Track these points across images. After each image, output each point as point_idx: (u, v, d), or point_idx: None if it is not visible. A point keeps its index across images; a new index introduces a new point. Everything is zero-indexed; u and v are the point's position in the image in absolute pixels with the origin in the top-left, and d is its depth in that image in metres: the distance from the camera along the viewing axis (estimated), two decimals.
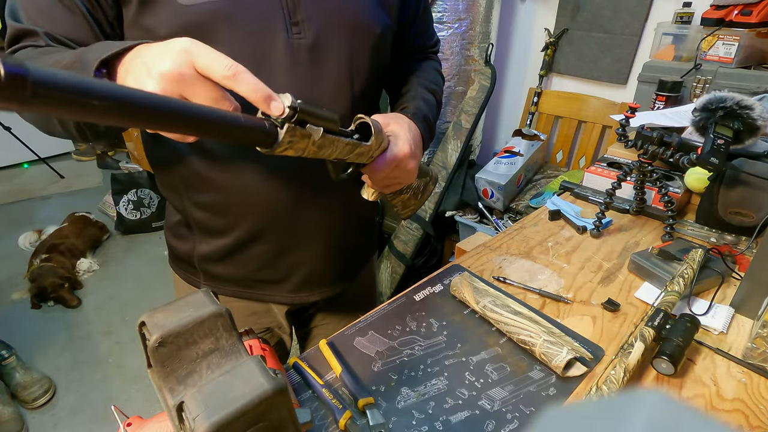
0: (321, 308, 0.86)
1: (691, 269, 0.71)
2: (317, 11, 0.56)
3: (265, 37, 0.54)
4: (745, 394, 0.57)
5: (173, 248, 0.75)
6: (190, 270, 0.73)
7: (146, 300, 2.13)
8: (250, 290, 0.73)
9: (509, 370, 0.61)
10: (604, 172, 1.05)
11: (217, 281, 0.72)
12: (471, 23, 1.67)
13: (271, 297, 0.74)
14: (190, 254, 0.71)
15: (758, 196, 0.83)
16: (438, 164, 1.77)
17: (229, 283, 0.72)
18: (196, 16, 0.51)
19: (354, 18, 0.60)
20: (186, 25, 0.51)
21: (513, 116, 2.22)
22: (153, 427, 0.45)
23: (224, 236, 0.67)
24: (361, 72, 0.63)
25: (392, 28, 0.67)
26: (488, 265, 0.83)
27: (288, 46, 0.55)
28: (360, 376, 0.60)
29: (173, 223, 0.72)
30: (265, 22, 0.54)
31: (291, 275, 0.71)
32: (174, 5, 0.51)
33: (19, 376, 1.65)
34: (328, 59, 0.58)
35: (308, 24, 0.56)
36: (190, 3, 0.51)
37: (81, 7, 0.51)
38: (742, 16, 1.23)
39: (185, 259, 0.73)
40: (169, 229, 0.74)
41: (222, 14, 0.52)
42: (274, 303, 0.76)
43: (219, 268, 0.70)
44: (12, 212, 2.86)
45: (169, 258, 0.78)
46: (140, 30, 0.52)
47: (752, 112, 0.77)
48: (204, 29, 0.52)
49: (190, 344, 0.33)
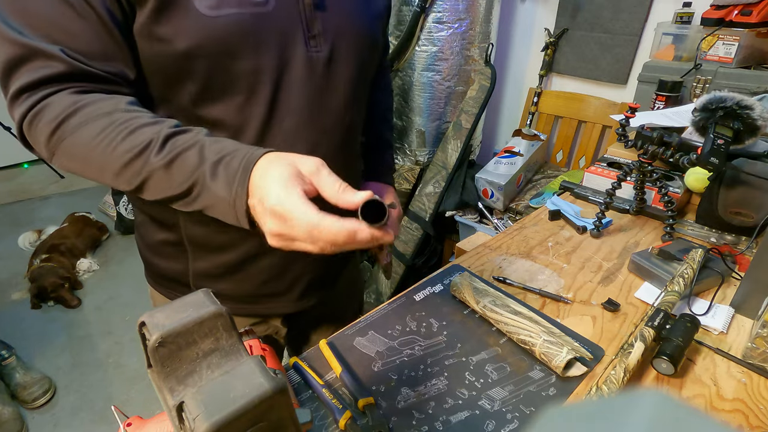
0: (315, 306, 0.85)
1: (691, 269, 0.71)
2: (332, 25, 0.57)
3: (285, 51, 0.54)
4: (745, 394, 0.57)
5: (156, 267, 0.70)
6: (181, 289, 0.69)
7: (146, 300, 2.11)
8: (250, 306, 0.70)
9: (509, 370, 0.61)
10: (604, 172, 1.05)
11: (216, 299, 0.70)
12: (471, 23, 1.67)
13: (274, 309, 0.72)
14: (182, 273, 0.67)
15: (758, 196, 0.83)
16: (438, 164, 1.77)
17: (227, 300, 0.68)
18: (220, 29, 0.48)
19: (363, 31, 0.61)
20: (209, 37, 0.48)
21: (513, 116, 2.22)
22: (153, 427, 0.45)
23: (227, 252, 0.64)
24: (365, 84, 0.65)
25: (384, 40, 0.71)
26: (488, 265, 0.83)
27: (307, 59, 0.55)
28: (360, 376, 0.60)
29: (156, 241, 0.66)
30: (287, 36, 0.54)
31: (295, 285, 0.70)
32: (196, 14, 0.47)
33: (19, 376, 1.65)
34: (341, 71, 0.59)
35: (324, 38, 0.56)
36: (213, 14, 0.47)
37: (102, 10, 0.45)
38: (742, 16, 1.22)
39: (175, 278, 0.69)
40: (149, 248, 0.69)
41: (247, 27, 0.50)
42: (276, 316, 0.74)
43: (218, 285, 0.67)
44: (12, 212, 2.86)
45: (149, 276, 0.73)
46: (155, 41, 0.48)
47: (752, 112, 0.77)
48: (227, 42, 0.49)
49: (190, 344, 0.32)
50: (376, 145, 0.82)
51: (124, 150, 0.43)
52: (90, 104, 0.45)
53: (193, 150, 0.43)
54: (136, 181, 0.45)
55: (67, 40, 0.44)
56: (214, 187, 0.42)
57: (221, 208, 0.43)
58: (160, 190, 0.45)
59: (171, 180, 0.44)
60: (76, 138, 0.45)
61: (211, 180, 0.42)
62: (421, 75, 1.73)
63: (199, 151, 0.43)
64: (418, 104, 1.78)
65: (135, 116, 0.45)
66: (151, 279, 0.73)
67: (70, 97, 0.45)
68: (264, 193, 0.40)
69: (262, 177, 0.41)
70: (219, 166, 0.42)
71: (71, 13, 0.44)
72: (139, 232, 0.70)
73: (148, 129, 0.44)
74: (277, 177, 0.40)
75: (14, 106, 0.46)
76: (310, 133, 0.59)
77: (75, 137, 0.45)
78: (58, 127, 0.44)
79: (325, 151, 0.61)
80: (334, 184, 0.41)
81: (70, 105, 0.44)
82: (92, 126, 0.44)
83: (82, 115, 0.44)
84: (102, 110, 0.45)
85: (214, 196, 0.43)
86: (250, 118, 0.55)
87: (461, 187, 1.74)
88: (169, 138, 0.44)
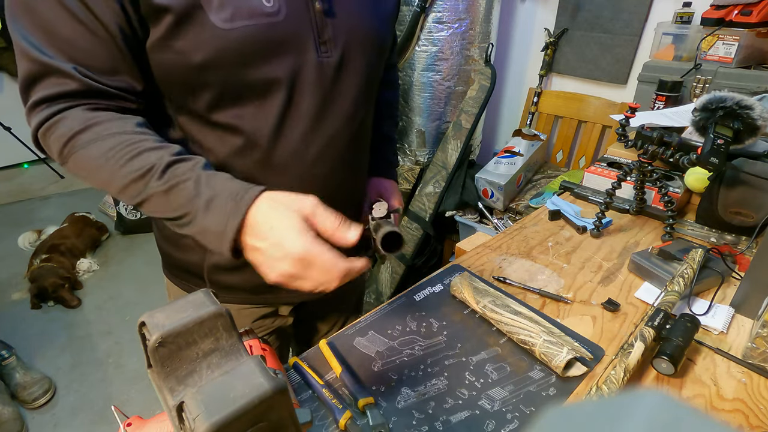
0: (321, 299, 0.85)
1: (691, 269, 0.71)
2: (342, 30, 0.57)
3: (297, 58, 0.55)
4: (745, 394, 0.57)
5: (172, 258, 0.71)
6: (195, 281, 0.71)
7: (146, 300, 2.13)
8: (262, 295, 0.71)
9: (509, 370, 0.61)
10: (604, 172, 1.05)
11: (227, 290, 0.70)
12: (471, 23, 1.67)
13: (285, 298, 0.73)
14: (197, 265, 0.69)
15: (758, 196, 0.83)
16: (438, 164, 1.77)
17: (240, 291, 0.70)
18: (235, 41, 0.50)
19: (372, 34, 0.62)
20: (225, 48, 0.50)
21: (513, 116, 2.22)
22: (153, 427, 0.45)
23: None
24: (374, 85, 0.66)
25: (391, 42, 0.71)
26: (488, 265, 0.83)
27: (317, 65, 0.56)
28: (360, 376, 0.60)
29: (173, 233, 0.67)
30: (298, 43, 0.54)
31: None
32: (211, 28, 0.49)
33: (19, 376, 1.65)
34: (350, 76, 0.60)
35: (334, 43, 0.57)
36: (228, 26, 0.49)
37: (113, 28, 0.47)
38: (742, 16, 1.23)
39: (190, 270, 0.70)
40: (166, 239, 0.70)
41: (260, 38, 0.51)
42: (287, 304, 0.75)
43: (231, 278, 0.68)
44: (12, 212, 2.86)
45: (165, 267, 0.75)
46: (171, 53, 0.50)
47: (752, 112, 0.77)
48: (242, 53, 0.51)
49: (190, 344, 0.32)
50: (380, 142, 0.83)
51: (129, 171, 0.47)
52: (101, 123, 0.49)
53: (189, 182, 0.47)
54: (137, 199, 0.49)
55: (79, 56, 0.48)
56: (206, 220, 0.46)
57: (210, 239, 0.47)
58: (158, 211, 0.49)
59: (168, 204, 0.48)
60: (86, 153, 0.48)
61: (204, 213, 0.46)
62: (421, 75, 1.73)
63: (195, 185, 0.47)
64: (418, 104, 1.78)
65: (142, 139, 0.49)
66: (168, 270, 0.75)
67: (84, 114, 0.49)
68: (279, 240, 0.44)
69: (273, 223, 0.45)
70: (212, 202, 0.46)
71: (84, 31, 0.47)
72: (157, 224, 0.72)
73: (153, 154, 0.48)
74: (289, 226, 0.44)
75: (31, 116, 0.50)
76: (320, 136, 0.60)
77: (85, 152, 0.48)
78: (69, 141, 0.48)
79: (335, 152, 0.62)
80: (331, 222, 0.46)
81: (82, 122, 0.48)
82: (101, 144, 0.48)
83: (92, 132, 0.48)
84: (111, 130, 0.49)
85: (204, 227, 0.47)
86: (263, 122, 0.56)
87: (461, 187, 1.74)
88: (169, 166, 0.47)
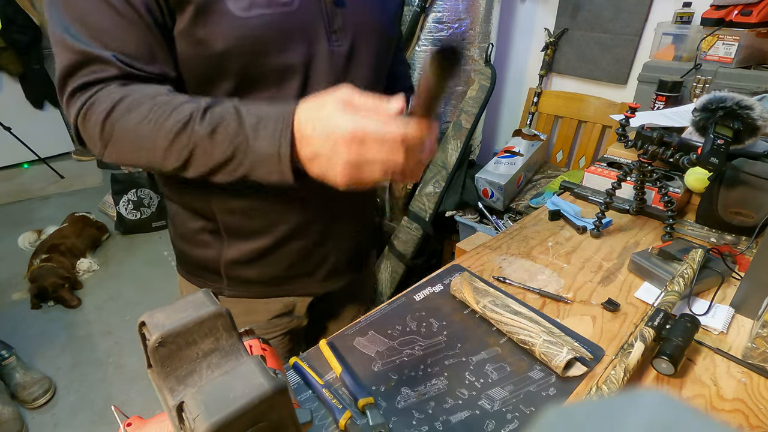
0: (335, 297, 0.85)
1: (691, 269, 0.71)
2: (351, 20, 0.59)
3: (310, 47, 0.56)
4: (745, 394, 0.57)
5: (188, 256, 0.72)
6: (211, 278, 0.71)
7: (146, 300, 2.13)
8: (278, 288, 0.72)
9: (509, 370, 0.61)
10: (604, 172, 1.05)
11: (244, 285, 0.71)
12: (471, 23, 1.67)
13: (302, 290, 0.74)
14: (214, 261, 0.69)
15: (758, 196, 0.83)
16: (438, 164, 1.77)
17: (257, 285, 0.71)
18: (252, 29, 0.51)
19: (380, 26, 0.64)
20: (243, 36, 0.51)
21: (513, 116, 2.22)
22: (153, 427, 0.45)
23: (259, 238, 0.66)
24: (382, 76, 0.68)
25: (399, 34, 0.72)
26: (488, 265, 0.83)
27: (329, 53, 0.58)
28: (360, 376, 0.60)
29: (192, 230, 0.68)
30: (310, 32, 0.56)
31: (323, 264, 0.73)
32: (231, 17, 0.50)
33: (19, 376, 1.65)
34: (360, 65, 0.61)
35: (344, 32, 0.59)
36: (245, 15, 0.51)
37: (147, 18, 0.49)
38: (742, 16, 1.22)
39: (206, 266, 0.70)
40: (182, 237, 0.71)
41: (275, 26, 0.53)
42: (303, 296, 0.76)
43: (248, 271, 0.69)
44: (12, 212, 2.86)
45: (180, 267, 0.75)
46: (193, 42, 0.52)
47: (752, 112, 0.77)
48: (258, 41, 0.52)
49: (190, 344, 0.32)
50: None
51: (171, 126, 0.48)
52: (134, 92, 0.49)
53: (231, 117, 0.47)
54: (184, 153, 0.49)
55: (118, 45, 0.49)
56: (257, 146, 0.46)
57: (267, 166, 0.47)
58: (207, 162, 0.49)
59: (216, 147, 0.48)
60: (126, 123, 0.49)
61: (254, 140, 0.46)
62: (421, 75, 1.73)
63: (237, 116, 0.47)
64: None
65: (175, 96, 0.50)
66: (183, 269, 0.75)
67: (117, 89, 0.49)
68: (326, 130, 0.43)
69: (316, 119, 0.44)
70: (259, 126, 0.46)
71: (122, 21, 0.48)
72: (173, 223, 0.72)
73: (189, 105, 0.49)
74: (331, 112, 0.43)
75: (69, 106, 0.51)
76: None
77: (124, 122, 0.49)
78: (109, 115, 0.49)
79: None
80: (371, 100, 0.44)
81: (117, 94, 0.49)
82: (139, 110, 0.49)
83: (128, 101, 0.49)
84: (146, 94, 0.49)
85: (258, 155, 0.47)
86: None
87: (461, 187, 1.74)
88: (207, 110, 0.48)
